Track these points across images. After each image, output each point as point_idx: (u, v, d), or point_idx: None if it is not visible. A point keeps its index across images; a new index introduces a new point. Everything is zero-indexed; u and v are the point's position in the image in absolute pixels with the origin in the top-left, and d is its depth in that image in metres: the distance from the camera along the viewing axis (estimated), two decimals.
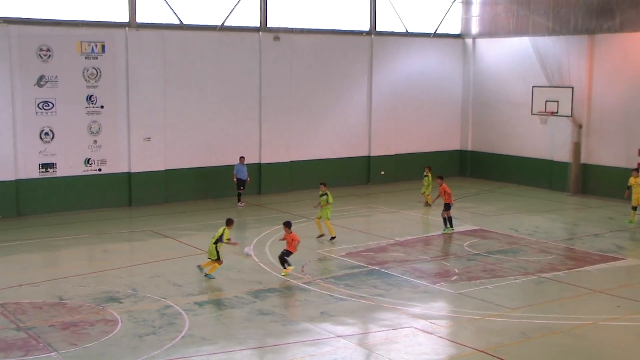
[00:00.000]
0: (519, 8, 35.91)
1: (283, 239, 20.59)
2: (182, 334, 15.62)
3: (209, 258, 20.04)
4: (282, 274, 20.14)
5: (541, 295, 18.95)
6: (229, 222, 20.45)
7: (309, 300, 18.11)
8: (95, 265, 21.39)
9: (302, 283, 19.49)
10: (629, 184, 27.62)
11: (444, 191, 26.02)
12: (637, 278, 20.76)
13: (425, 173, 31.39)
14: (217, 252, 19.81)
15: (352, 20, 35.31)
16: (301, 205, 30.16)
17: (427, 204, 30.32)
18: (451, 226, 25.82)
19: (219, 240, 19.81)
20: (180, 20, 30.50)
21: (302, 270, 20.64)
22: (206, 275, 19.93)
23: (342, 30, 34.95)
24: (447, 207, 25.80)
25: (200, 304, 17.64)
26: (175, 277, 19.91)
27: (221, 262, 19.99)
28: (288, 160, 33.60)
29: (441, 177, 27.22)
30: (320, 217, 24.79)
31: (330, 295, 18.44)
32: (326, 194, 24.74)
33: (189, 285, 19.18)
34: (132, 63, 29.32)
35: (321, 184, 25.39)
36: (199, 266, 20.44)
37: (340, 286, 19.24)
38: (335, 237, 24.36)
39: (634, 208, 27.50)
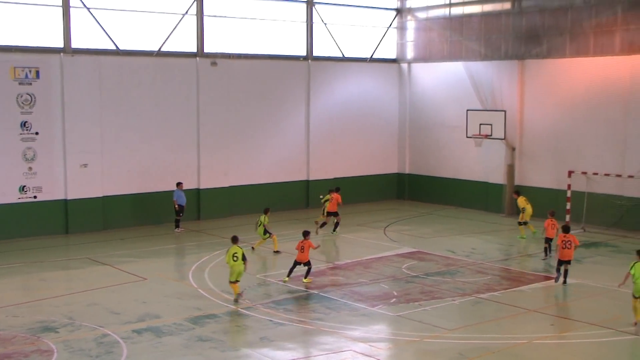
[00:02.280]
0: (452, 34, 36.68)
1: (298, 247, 21.89)
2: None
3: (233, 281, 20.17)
4: (284, 280, 21.68)
5: (478, 316, 19.25)
6: (236, 240, 20.88)
7: (249, 325, 18.09)
8: (31, 295, 21.00)
9: (241, 309, 19.45)
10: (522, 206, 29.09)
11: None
12: (569, 297, 21.24)
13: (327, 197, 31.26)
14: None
15: (290, 46, 35.59)
16: (241, 231, 29.85)
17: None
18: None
19: (244, 258, 20.21)
20: (116, 45, 30.33)
21: (242, 295, 20.58)
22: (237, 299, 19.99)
23: (279, 55, 35.19)
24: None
25: (138, 332, 17.46)
26: (113, 305, 19.69)
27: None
28: (227, 186, 33.55)
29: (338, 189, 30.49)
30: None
31: (270, 320, 18.45)
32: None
33: (127, 313, 18.98)
34: (68, 89, 29.03)
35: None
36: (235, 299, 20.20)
37: (280, 311, 19.26)
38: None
39: (523, 223, 29.15)
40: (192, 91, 32.24)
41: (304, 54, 35.97)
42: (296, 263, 22.13)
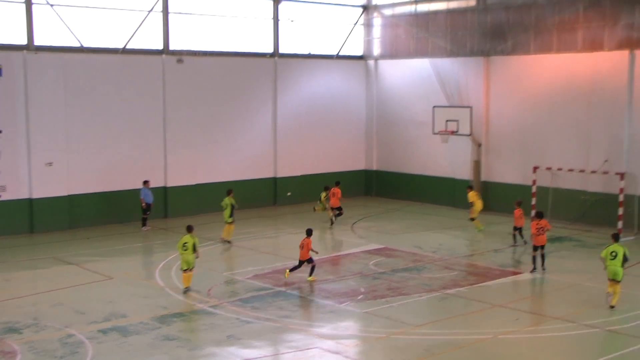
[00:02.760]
0: (419, 30, 36.84)
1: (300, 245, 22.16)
2: None
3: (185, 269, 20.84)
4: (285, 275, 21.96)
5: (445, 312, 19.37)
6: (191, 229, 21.28)
7: (216, 323, 18.04)
8: None
9: (208, 307, 19.40)
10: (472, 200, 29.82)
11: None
12: (534, 291, 21.49)
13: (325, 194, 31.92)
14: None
15: (256, 43, 35.50)
16: (209, 228, 30.00)
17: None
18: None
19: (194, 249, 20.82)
20: (80, 43, 30.06)
21: (209, 294, 20.56)
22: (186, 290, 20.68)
23: (245, 52, 35.10)
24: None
25: (104, 332, 17.35)
26: (78, 305, 19.54)
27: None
28: (194, 183, 33.42)
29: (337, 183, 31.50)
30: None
31: (237, 318, 18.42)
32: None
33: (93, 313, 18.84)
34: (31, 87, 28.71)
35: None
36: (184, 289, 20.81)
37: (247, 308, 19.24)
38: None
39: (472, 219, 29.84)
40: (158, 89, 32.05)
41: (271, 51, 35.91)
42: (300, 262, 22.19)
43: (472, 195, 29.98)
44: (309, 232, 22.59)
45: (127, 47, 31.29)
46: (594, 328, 17.73)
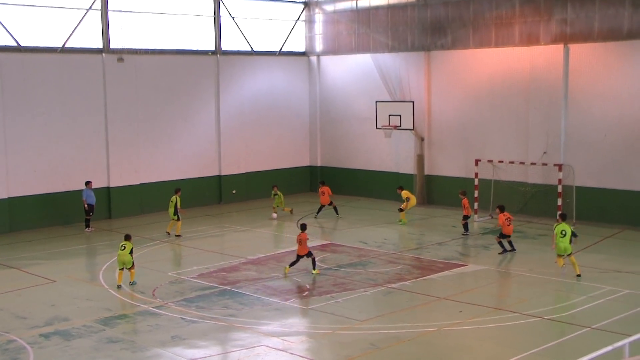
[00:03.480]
0: (360, 26, 37.02)
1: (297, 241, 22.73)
2: None
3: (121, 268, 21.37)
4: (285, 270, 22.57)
5: (390, 306, 19.54)
6: (129, 238, 21.93)
7: (160, 324, 17.92)
8: None
9: (152, 307, 19.27)
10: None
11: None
12: (478, 283, 21.77)
13: (274, 192, 32.00)
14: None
15: (198, 40, 35.28)
16: (153, 228, 29.82)
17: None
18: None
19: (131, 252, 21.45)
20: (17, 42, 29.52)
21: (153, 294, 20.41)
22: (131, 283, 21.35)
23: (187, 50, 34.86)
24: None
25: (45, 336, 17.10)
26: (19, 309, 19.23)
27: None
28: (138, 183, 33.10)
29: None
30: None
31: (182, 318, 18.33)
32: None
33: (34, 317, 18.56)
34: None
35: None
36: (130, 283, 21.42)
37: (191, 308, 19.16)
38: None
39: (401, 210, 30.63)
40: (99, 88, 31.64)
41: (213, 48, 35.72)
42: (298, 257, 22.57)
43: (405, 193, 30.82)
44: (304, 227, 23.19)
45: (66, 46, 30.83)
46: (535, 317, 18.07)
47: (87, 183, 29.93)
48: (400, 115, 33.61)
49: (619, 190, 29.24)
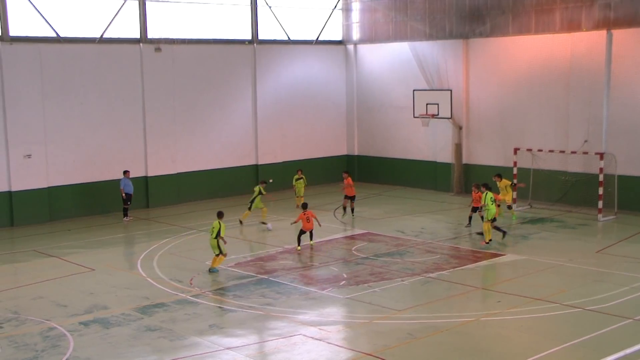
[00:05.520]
0: (397, 14, 36.74)
1: (297, 221, 24.48)
2: (67, 356, 15.25)
3: (215, 253, 21.48)
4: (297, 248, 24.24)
5: (427, 295, 19.39)
6: (220, 215, 21.94)
7: (198, 313, 17.98)
8: None
9: (190, 296, 19.34)
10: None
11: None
12: (516, 273, 21.53)
13: (298, 176, 31.84)
14: (219, 247, 21.27)
15: (234, 29, 35.30)
16: (190, 217, 29.99)
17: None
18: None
19: (218, 234, 21.20)
20: (57, 33, 29.78)
21: (191, 283, 20.50)
22: (210, 270, 21.43)
23: (224, 39, 34.89)
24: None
25: (85, 324, 17.25)
26: (59, 298, 19.43)
27: (225, 255, 21.68)
28: (175, 173, 33.27)
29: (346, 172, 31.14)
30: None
31: (219, 307, 18.39)
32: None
33: (74, 305, 18.74)
34: (8, 78, 28.44)
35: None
36: (210, 269, 21.65)
37: (229, 297, 19.20)
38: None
39: (509, 207, 28.88)
40: (137, 78, 31.82)
41: (249, 37, 35.71)
42: (302, 232, 24.37)
43: (504, 182, 28.39)
44: (305, 206, 25.10)
45: (104, 36, 31.05)
46: (575, 308, 17.81)
47: (125, 172, 30.15)
48: (437, 104, 33.37)
49: None
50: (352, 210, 29.94)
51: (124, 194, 29.84)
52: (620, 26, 29.23)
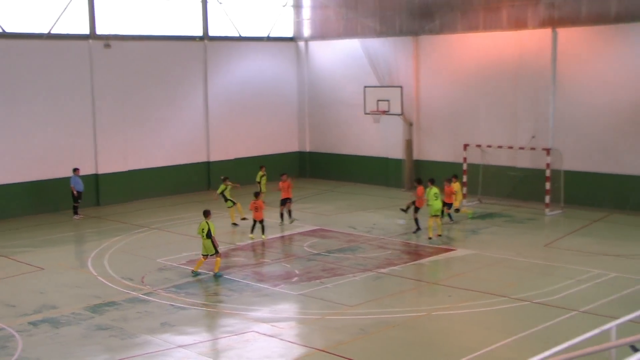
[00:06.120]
0: (348, 11, 36.89)
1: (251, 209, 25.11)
2: (15, 357, 15.05)
3: (203, 254, 20.85)
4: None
5: (379, 291, 19.56)
6: (207, 214, 21.30)
7: (149, 311, 17.89)
8: None
9: (142, 294, 19.22)
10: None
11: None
12: (466, 267, 21.81)
13: (262, 173, 31.72)
14: (214, 247, 20.69)
15: (185, 26, 35.08)
16: (142, 215, 29.78)
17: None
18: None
19: (209, 234, 20.63)
20: (2, 28, 29.28)
21: (143, 281, 20.38)
22: (215, 275, 20.70)
23: (175, 36, 34.68)
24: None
25: (34, 324, 17.04)
26: (8, 298, 19.16)
27: (220, 255, 21.12)
28: (126, 170, 32.97)
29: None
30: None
31: (171, 305, 18.31)
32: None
33: (23, 305, 18.50)
34: None
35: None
36: (193, 272, 20.87)
37: (181, 295, 19.13)
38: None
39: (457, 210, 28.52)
40: (86, 74, 31.45)
41: (200, 34, 35.54)
42: (255, 222, 25.18)
43: (456, 186, 28.29)
44: (257, 194, 25.42)
45: (52, 32, 30.61)
46: (523, 301, 18.14)
47: (75, 170, 29.82)
48: (388, 101, 33.59)
49: (607, 174, 29.32)
50: (290, 213, 28.02)
51: (74, 192, 29.52)
52: (565, 25, 29.80)
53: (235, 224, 27.75)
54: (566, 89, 29.97)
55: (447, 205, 27.16)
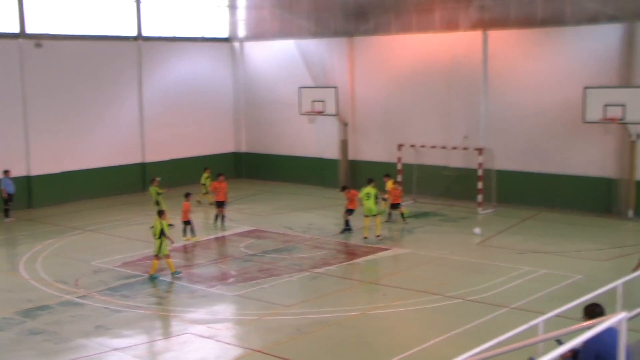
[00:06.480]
0: (283, 12, 36.98)
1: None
2: None
3: (155, 254, 20.65)
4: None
5: (315, 290, 19.69)
6: (161, 214, 21.20)
7: (84, 314, 17.70)
8: None
9: (76, 297, 19.00)
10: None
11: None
12: (401, 266, 22.13)
13: (207, 174, 31.66)
14: (161, 247, 20.52)
15: (119, 26, 34.69)
16: (76, 217, 29.37)
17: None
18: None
19: (162, 234, 20.48)
20: None
21: (76, 284, 20.14)
22: (173, 274, 20.57)
23: (108, 36, 34.27)
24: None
25: None
26: None
27: (168, 256, 20.84)
28: (59, 172, 32.45)
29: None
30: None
31: (106, 308, 18.15)
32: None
33: None
34: None
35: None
36: (151, 276, 20.64)
37: (116, 297, 18.97)
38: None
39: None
40: (16, 74, 30.84)
41: (134, 34, 35.18)
42: (184, 223, 25.24)
43: (390, 184, 28.60)
44: (187, 195, 25.41)
45: None
46: (456, 299, 18.49)
47: (6, 172, 29.27)
48: (323, 101, 33.77)
49: (537, 173, 30.03)
50: (222, 218, 27.82)
51: (5, 194, 28.95)
52: (495, 27, 30.44)
53: (171, 225, 27.42)
54: (497, 90, 30.62)
55: (393, 206, 27.53)
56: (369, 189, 25.25)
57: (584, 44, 28.54)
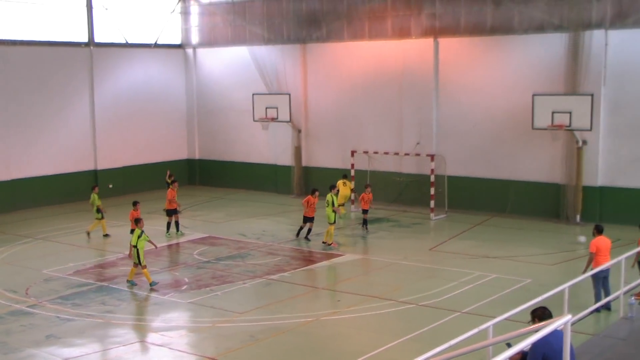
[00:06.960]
0: (236, 18, 36.99)
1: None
2: None
3: (135, 263, 20.43)
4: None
5: (269, 297, 19.71)
6: (138, 222, 20.97)
7: (34, 324, 17.49)
8: None
9: (26, 307, 18.77)
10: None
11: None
12: (354, 272, 22.27)
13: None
14: (138, 256, 20.21)
15: (70, 32, 34.36)
16: (26, 225, 28.98)
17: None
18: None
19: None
20: None
21: (27, 293, 19.89)
22: (150, 284, 20.27)
23: (59, 42, 33.90)
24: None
25: None
26: None
27: (143, 265, 20.40)
28: (9, 179, 32.00)
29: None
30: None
31: (57, 317, 17.96)
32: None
33: None
34: None
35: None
36: (128, 281, 20.55)
37: (67, 306, 18.78)
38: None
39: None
40: None
41: (86, 40, 34.87)
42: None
43: (345, 189, 29.49)
44: (135, 203, 24.61)
45: None
46: (409, 304, 18.67)
47: None
48: (277, 108, 33.86)
49: (487, 179, 30.45)
50: (177, 224, 27.37)
51: None
52: (445, 35, 30.85)
53: (107, 235, 27.09)
54: (448, 96, 31.01)
55: (363, 211, 27.64)
56: (328, 197, 25.50)
57: (532, 51, 29.08)
